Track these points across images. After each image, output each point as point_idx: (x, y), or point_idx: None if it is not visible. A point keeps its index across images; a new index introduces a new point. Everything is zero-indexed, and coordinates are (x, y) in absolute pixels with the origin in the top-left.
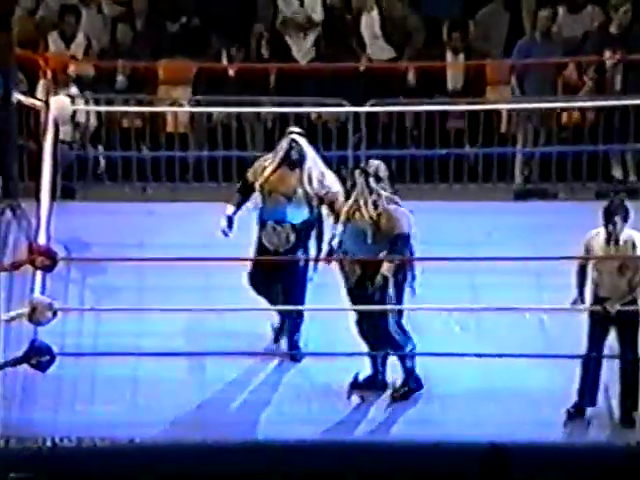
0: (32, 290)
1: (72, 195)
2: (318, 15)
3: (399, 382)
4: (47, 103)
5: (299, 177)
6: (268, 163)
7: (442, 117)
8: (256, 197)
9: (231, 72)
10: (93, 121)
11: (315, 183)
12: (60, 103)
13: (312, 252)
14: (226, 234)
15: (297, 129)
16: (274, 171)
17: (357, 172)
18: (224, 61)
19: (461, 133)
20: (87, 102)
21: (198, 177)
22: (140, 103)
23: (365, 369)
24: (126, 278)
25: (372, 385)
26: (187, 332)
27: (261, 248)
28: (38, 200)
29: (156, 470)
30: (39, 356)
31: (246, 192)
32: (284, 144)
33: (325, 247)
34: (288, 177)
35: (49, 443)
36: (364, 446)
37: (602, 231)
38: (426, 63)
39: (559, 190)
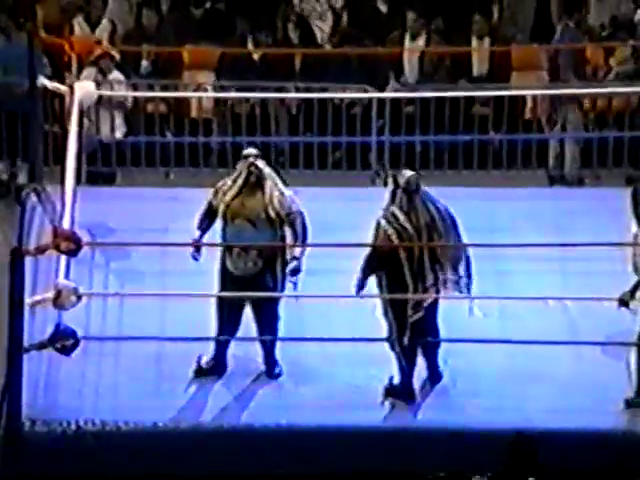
0: (57, 274)
1: (113, 179)
2: (339, 2)
3: None
4: (72, 88)
5: (261, 200)
6: (227, 188)
7: (467, 103)
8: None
9: (256, 57)
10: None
11: (277, 204)
12: (85, 88)
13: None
14: (196, 259)
15: (253, 151)
16: (235, 196)
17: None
18: (250, 46)
19: (486, 119)
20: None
21: (222, 162)
22: (165, 88)
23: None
24: (150, 263)
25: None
26: (210, 316)
27: (225, 273)
28: (63, 184)
29: (179, 454)
30: (64, 340)
31: (212, 216)
32: (242, 168)
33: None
34: (250, 201)
35: (73, 426)
36: (391, 432)
37: None
38: (451, 48)
39: (585, 176)
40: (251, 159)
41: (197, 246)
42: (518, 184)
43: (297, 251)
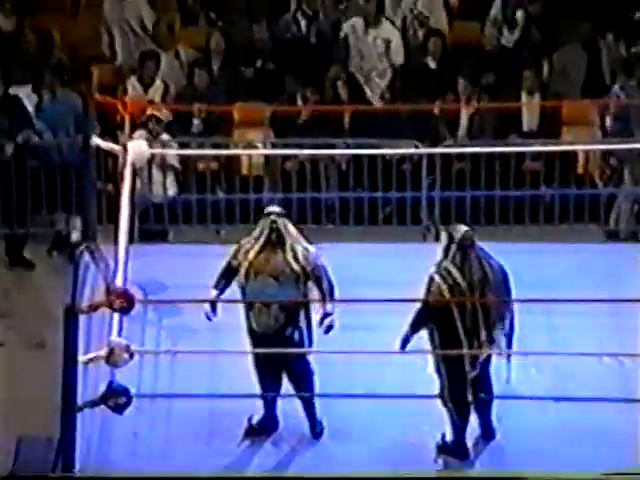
0: (109, 332)
1: (165, 237)
2: (400, 59)
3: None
4: (125, 147)
5: (285, 256)
6: (250, 245)
7: (518, 158)
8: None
9: (304, 114)
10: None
11: (302, 259)
12: (138, 147)
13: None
14: (210, 318)
15: (275, 209)
16: (258, 253)
17: None
18: (299, 103)
19: (537, 174)
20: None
21: None
22: (216, 146)
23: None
24: (202, 319)
25: None
26: None
27: (252, 333)
28: (116, 242)
29: None
30: (116, 398)
31: (230, 276)
32: (264, 226)
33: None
34: (273, 257)
35: None
36: None
37: None
38: (501, 104)
39: (638, 231)
40: (272, 217)
41: (213, 305)
42: (570, 239)
43: (329, 307)
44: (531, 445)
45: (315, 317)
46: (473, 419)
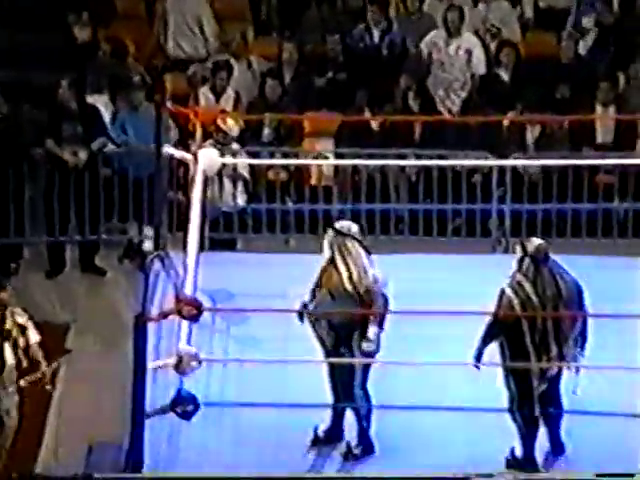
0: (178, 340)
1: (233, 245)
2: (481, 69)
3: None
4: (196, 156)
5: (339, 275)
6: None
7: (591, 171)
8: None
9: (374, 125)
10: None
11: (356, 279)
12: (208, 156)
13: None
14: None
15: (339, 225)
16: (324, 268)
17: None
18: (367, 114)
19: (611, 188)
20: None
21: None
22: (285, 156)
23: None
24: (270, 328)
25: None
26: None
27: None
28: (186, 251)
29: None
30: (184, 405)
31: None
32: (333, 242)
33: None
34: (332, 274)
35: None
36: None
37: None
38: (574, 116)
39: None
40: (330, 234)
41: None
42: None
43: (371, 333)
44: (600, 458)
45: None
46: (542, 433)
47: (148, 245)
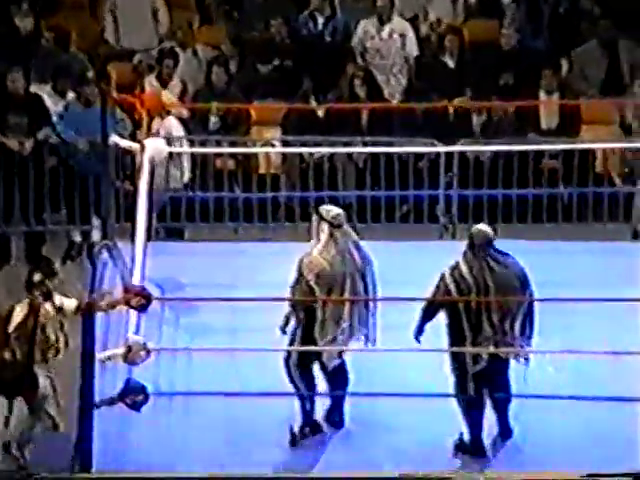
0: (127, 330)
1: (181, 235)
2: (414, 52)
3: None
4: (142, 145)
5: (325, 259)
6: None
7: (536, 156)
8: None
9: (320, 113)
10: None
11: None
12: (155, 145)
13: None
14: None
15: (323, 210)
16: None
17: None
18: (312, 102)
19: (555, 172)
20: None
21: (290, 218)
22: (233, 144)
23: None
24: (219, 318)
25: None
26: (279, 372)
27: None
28: (133, 240)
29: None
30: (134, 395)
31: None
32: (314, 228)
33: None
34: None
35: None
36: None
37: None
38: (519, 102)
39: None
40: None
41: None
42: (589, 237)
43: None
44: (549, 444)
45: None
46: (491, 417)
47: (95, 235)
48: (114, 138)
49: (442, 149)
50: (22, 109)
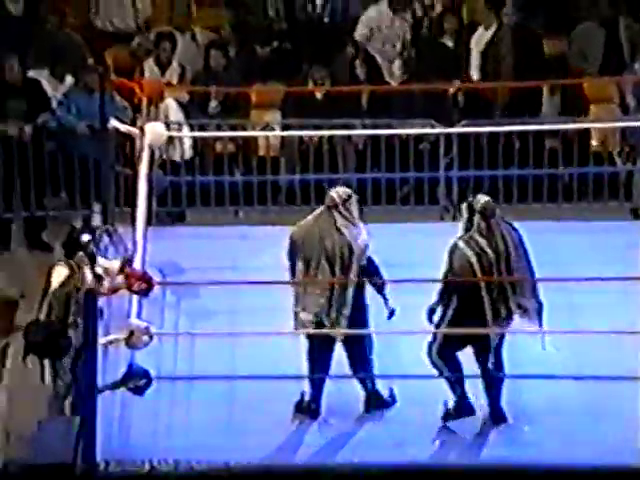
0: (129, 314)
1: (182, 219)
2: (408, 35)
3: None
4: (142, 130)
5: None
6: None
7: (536, 136)
8: None
9: (318, 95)
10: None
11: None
12: (155, 129)
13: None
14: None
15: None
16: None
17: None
18: (310, 84)
19: (555, 152)
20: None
21: (290, 200)
22: (233, 128)
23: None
24: (220, 301)
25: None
26: (281, 355)
27: None
28: (134, 225)
29: None
30: (136, 380)
31: None
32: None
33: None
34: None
35: (147, 466)
36: (466, 469)
37: None
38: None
39: None
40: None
41: None
42: (589, 217)
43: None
44: (549, 424)
45: None
46: (483, 401)
47: (96, 220)
48: (113, 122)
49: (441, 131)
50: (20, 94)
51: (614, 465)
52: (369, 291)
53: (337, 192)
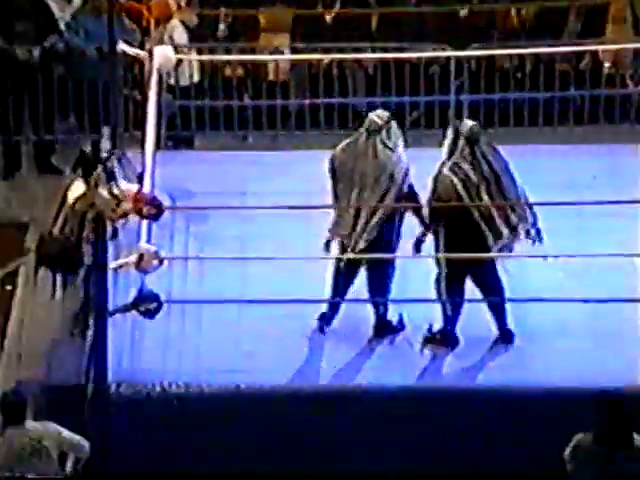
0: (138, 239)
1: (191, 144)
2: None
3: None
4: (151, 53)
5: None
6: None
7: (548, 59)
8: None
9: (328, 18)
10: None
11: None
12: (164, 53)
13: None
14: None
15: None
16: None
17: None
18: (319, 7)
19: (567, 75)
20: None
21: (300, 125)
22: (242, 52)
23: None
24: (229, 226)
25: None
26: (289, 279)
27: None
28: (143, 150)
29: (261, 415)
30: (147, 303)
31: None
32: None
33: None
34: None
35: (158, 389)
36: (470, 392)
37: None
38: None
39: None
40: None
41: None
42: (600, 140)
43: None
44: (555, 347)
45: None
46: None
47: (105, 144)
48: (122, 46)
49: (452, 53)
50: (28, 17)
51: (625, 388)
52: (411, 222)
53: (378, 115)
